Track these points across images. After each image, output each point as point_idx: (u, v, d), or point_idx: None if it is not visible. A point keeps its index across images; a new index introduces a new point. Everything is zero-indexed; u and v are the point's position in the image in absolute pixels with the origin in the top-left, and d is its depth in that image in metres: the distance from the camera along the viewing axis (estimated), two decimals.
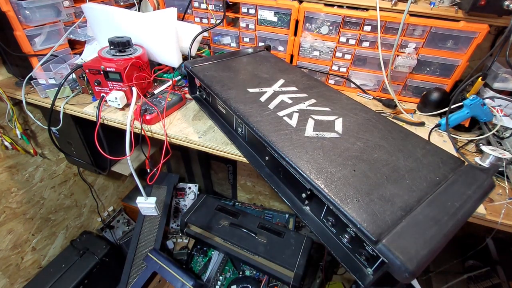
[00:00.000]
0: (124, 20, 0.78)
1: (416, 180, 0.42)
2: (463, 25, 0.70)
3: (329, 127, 0.52)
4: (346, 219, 0.37)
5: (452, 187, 0.40)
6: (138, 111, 0.68)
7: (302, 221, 0.48)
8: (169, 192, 1.41)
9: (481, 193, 0.40)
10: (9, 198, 1.03)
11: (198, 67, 0.68)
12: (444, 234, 0.34)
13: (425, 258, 0.31)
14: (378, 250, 0.33)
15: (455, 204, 0.37)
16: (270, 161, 0.54)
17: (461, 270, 1.07)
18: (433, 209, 0.37)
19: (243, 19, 0.88)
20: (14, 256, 1.10)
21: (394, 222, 0.35)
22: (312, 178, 0.41)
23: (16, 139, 0.96)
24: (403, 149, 0.48)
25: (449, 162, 0.46)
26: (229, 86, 0.62)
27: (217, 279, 1.17)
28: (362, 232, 0.35)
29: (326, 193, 0.39)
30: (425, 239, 0.33)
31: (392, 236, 0.33)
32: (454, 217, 0.36)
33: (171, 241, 1.40)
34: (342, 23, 0.79)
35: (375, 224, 0.35)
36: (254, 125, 0.51)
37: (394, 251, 0.31)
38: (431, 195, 0.39)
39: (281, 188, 0.52)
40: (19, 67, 0.83)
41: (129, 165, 0.70)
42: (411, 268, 0.30)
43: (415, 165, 0.45)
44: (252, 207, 1.47)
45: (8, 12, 0.70)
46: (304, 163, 0.44)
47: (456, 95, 0.71)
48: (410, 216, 0.36)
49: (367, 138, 0.50)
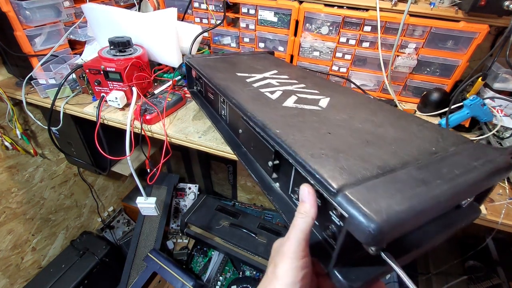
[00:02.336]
0: (124, 20, 0.78)
1: (405, 148, 0.34)
2: (463, 26, 0.70)
3: (312, 102, 0.47)
4: (304, 170, 0.31)
5: (452, 158, 0.32)
6: (138, 111, 0.68)
7: (268, 198, 0.42)
8: (169, 192, 1.41)
9: (492, 167, 0.30)
10: (9, 198, 1.03)
11: (196, 59, 0.69)
12: (433, 195, 0.25)
13: (400, 215, 0.23)
14: (337, 203, 0.25)
15: (454, 171, 0.29)
16: (243, 133, 0.51)
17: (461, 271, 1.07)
18: (422, 172, 0.29)
19: (243, 19, 0.88)
20: (14, 256, 1.10)
21: (365, 178, 0.28)
22: (274, 132, 0.37)
23: (16, 139, 0.97)
24: (395, 124, 0.41)
25: (451, 138, 0.37)
26: (219, 70, 0.61)
27: (217, 279, 1.17)
28: (321, 183, 0.28)
29: (287, 146, 0.34)
30: (404, 196, 0.24)
31: (359, 188, 0.26)
32: (451, 182, 0.27)
33: (171, 241, 1.40)
34: (342, 23, 0.79)
35: (340, 175, 0.28)
36: (231, 95, 0.49)
37: (356, 201, 0.24)
38: (423, 162, 0.31)
39: (253, 166, 0.48)
40: (19, 67, 0.83)
41: (129, 165, 0.70)
42: (377, 220, 0.22)
43: (406, 136, 0.37)
44: (252, 207, 1.47)
45: (9, 13, 0.70)
46: (271, 121, 0.39)
47: (456, 95, 0.71)
48: (389, 175, 0.28)
49: (354, 113, 0.44)
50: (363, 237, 0.22)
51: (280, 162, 0.40)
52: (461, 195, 0.28)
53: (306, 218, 0.28)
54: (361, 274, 0.27)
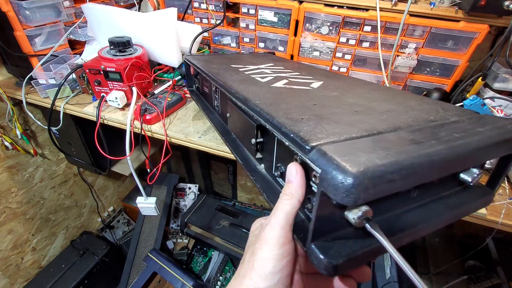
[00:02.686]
0: (124, 20, 0.78)
1: (398, 117, 0.31)
2: (463, 26, 0.70)
3: (303, 84, 0.45)
4: (280, 133, 0.28)
5: (453, 124, 0.28)
6: (138, 111, 0.68)
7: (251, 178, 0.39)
8: (169, 192, 1.41)
9: (500, 133, 0.27)
10: (9, 198, 1.03)
11: (195, 56, 0.69)
12: (426, 153, 0.22)
13: (382, 168, 0.19)
14: (310, 159, 0.22)
15: (454, 134, 0.25)
16: (230, 117, 0.50)
17: (461, 271, 1.07)
18: (415, 134, 0.25)
19: (243, 19, 0.88)
20: (14, 256, 1.10)
21: (347, 138, 0.25)
22: (255, 103, 0.35)
23: (16, 139, 0.97)
24: (391, 99, 0.38)
25: (453, 109, 0.34)
26: (214, 63, 0.61)
27: (217, 279, 1.17)
28: (295, 142, 0.25)
29: (265, 113, 0.32)
30: (390, 152, 0.21)
31: (337, 144, 0.23)
32: (449, 143, 0.24)
33: (171, 241, 1.40)
34: (342, 23, 0.79)
35: (318, 134, 0.25)
36: (220, 78, 0.48)
37: (330, 154, 0.20)
38: (417, 127, 0.28)
39: (240, 150, 0.46)
40: (19, 67, 0.83)
41: (129, 165, 0.70)
42: (353, 171, 0.18)
43: (401, 108, 0.34)
44: (252, 207, 1.47)
45: (8, 12, 0.70)
46: (253, 94, 0.38)
47: (456, 95, 0.71)
48: (376, 136, 0.25)
49: (346, 92, 0.41)
50: (338, 194, 0.19)
51: (264, 139, 0.38)
52: (461, 159, 0.24)
53: (292, 200, 0.25)
54: (344, 249, 0.23)
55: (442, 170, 0.24)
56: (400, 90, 0.43)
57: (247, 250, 0.26)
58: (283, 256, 0.24)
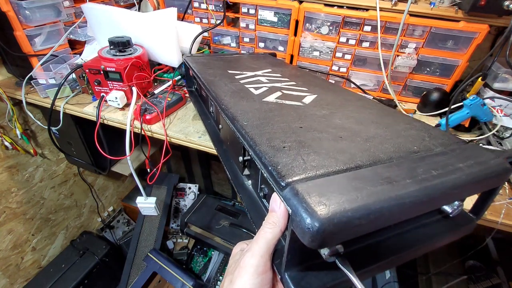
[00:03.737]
0: (124, 20, 0.78)
1: (381, 145, 0.30)
2: (463, 25, 0.70)
3: (296, 99, 0.44)
4: (260, 162, 0.28)
5: (434, 158, 0.27)
6: (138, 110, 0.68)
7: (238, 195, 0.39)
8: (169, 192, 1.41)
9: (481, 170, 0.26)
10: (9, 198, 1.03)
11: (194, 57, 0.69)
12: (396, 195, 0.21)
13: (349, 213, 0.19)
14: (283, 196, 0.23)
15: (432, 171, 0.25)
16: (222, 129, 0.51)
17: (461, 271, 1.07)
18: (392, 170, 0.25)
19: (243, 19, 0.88)
20: (14, 256, 1.10)
21: (324, 174, 0.24)
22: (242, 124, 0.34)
23: (16, 139, 0.97)
24: (379, 122, 0.37)
25: (440, 137, 0.32)
26: (211, 67, 0.61)
27: (217, 279, 1.17)
28: (272, 176, 0.25)
29: (249, 137, 0.31)
30: (361, 194, 0.21)
31: (311, 183, 0.22)
32: (424, 183, 0.23)
33: (171, 241, 1.40)
34: (342, 23, 0.79)
35: (295, 169, 0.25)
36: (213, 88, 0.48)
37: (302, 194, 0.21)
38: (397, 160, 0.27)
39: (230, 163, 0.46)
40: (19, 67, 0.83)
41: (129, 165, 0.70)
42: (320, 217, 0.19)
43: (388, 134, 0.33)
44: None
45: (8, 12, 0.70)
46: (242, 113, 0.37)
47: (456, 95, 0.71)
48: (352, 172, 0.25)
49: (337, 110, 0.40)
50: (304, 236, 0.19)
51: (251, 158, 0.37)
52: (436, 199, 0.24)
53: (274, 229, 0.25)
54: (315, 282, 0.24)
55: (413, 211, 0.24)
56: (391, 109, 0.42)
57: (226, 276, 0.27)
58: (261, 285, 0.24)
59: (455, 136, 0.33)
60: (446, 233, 0.30)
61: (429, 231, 0.30)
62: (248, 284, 0.24)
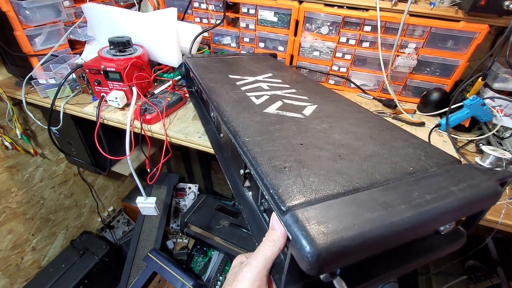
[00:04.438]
0: (124, 20, 0.78)
1: (379, 165, 0.32)
2: (463, 25, 0.70)
3: (296, 110, 0.45)
4: (262, 184, 0.29)
5: (429, 180, 0.29)
6: (138, 110, 0.68)
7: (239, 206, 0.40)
8: (169, 192, 1.41)
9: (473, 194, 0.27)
10: (9, 198, 1.03)
11: (194, 59, 0.69)
12: (392, 223, 0.23)
13: (345, 242, 0.20)
14: (284, 222, 0.24)
15: (426, 196, 0.26)
16: (223, 137, 0.52)
17: (461, 271, 1.07)
18: (388, 194, 0.26)
19: (243, 19, 0.88)
20: (14, 256, 1.10)
21: (323, 197, 0.26)
22: (243, 141, 0.35)
23: (16, 139, 0.97)
24: (377, 138, 0.38)
25: (436, 156, 0.34)
26: (212, 71, 0.61)
27: (217, 279, 1.17)
28: (273, 200, 0.27)
29: (251, 156, 0.32)
30: (358, 221, 0.22)
31: (311, 209, 0.23)
32: (418, 209, 0.24)
33: (171, 241, 1.40)
34: (342, 23, 0.79)
35: (295, 193, 0.26)
36: (215, 97, 0.48)
37: (302, 221, 0.22)
38: (394, 182, 0.29)
39: (231, 171, 0.47)
40: (19, 67, 0.83)
41: (129, 165, 0.70)
42: (318, 246, 0.20)
43: (386, 152, 0.35)
44: None
45: (8, 12, 0.70)
46: (244, 127, 0.38)
47: (456, 95, 0.71)
48: (351, 196, 0.26)
49: (336, 123, 0.42)
50: (303, 263, 0.20)
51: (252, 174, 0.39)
52: (429, 223, 0.25)
53: (273, 247, 0.26)
54: None
55: (408, 237, 0.25)
56: (389, 124, 0.43)
57: (225, 285, 0.28)
58: None
59: (450, 155, 0.35)
60: (440, 247, 0.32)
61: (422, 246, 0.31)
62: None
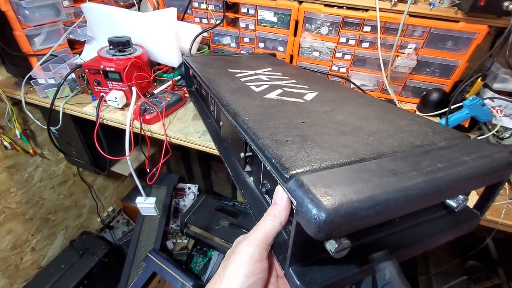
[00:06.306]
0: (123, 20, 0.78)
1: (385, 140, 0.30)
2: (462, 26, 0.70)
3: (297, 96, 0.44)
4: (263, 155, 0.28)
5: (439, 151, 0.27)
6: (137, 110, 0.68)
7: (239, 191, 0.39)
8: (169, 192, 1.41)
9: (486, 163, 0.26)
10: (9, 198, 1.03)
11: (194, 57, 0.68)
12: (403, 187, 0.21)
13: (355, 204, 0.19)
14: (287, 188, 0.23)
15: (437, 164, 0.25)
16: (223, 126, 0.51)
17: (461, 271, 1.07)
18: (397, 163, 0.25)
19: (243, 19, 0.88)
20: (13, 257, 1.10)
21: (327, 166, 0.25)
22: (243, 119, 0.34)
23: (16, 139, 0.96)
24: (382, 118, 0.37)
25: (443, 132, 0.33)
26: (212, 66, 0.61)
27: None
28: (276, 168, 0.25)
29: (251, 132, 0.31)
30: (367, 185, 0.21)
31: (315, 174, 0.22)
32: (430, 175, 0.23)
33: (170, 241, 1.40)
34: (342, 23, 0.79)
35: (298, 161, 0.25)
36: (213, 86, 0.48)
37: (307, 186, 0.21)
38: (401, 154, 0.27)
39: (231, 160, 0.46)
40: (19, 67, 0.83)
41: (128, 165, 0.70)
42: (327, 207, 0.18)
43: (391, 129, 0.33)
44: None
45: (8, 12, 0.70)
46: (243, 109, 0.37)
47: (456, 96, 0.71)
48: (357, 164, 0.25)
49: (338, 106, 0.40)
50: (310, 227, 0.19)
51: (253, 153, 0.37)
52: (442, 191, 0.24)
53: (274, 221, 0.25)
54: (321, 277, 0.24)
55: (420, 204, 0.23)
56: (393, 106, 0.42)
57: (222, 262, 0.27)
58: (253, 274, 0.24)
59: (458, 131, 0.33)
60: (451, 228, 0.31)
61: (434, 227, 0.30)
62: (240, 269, 0.24)
